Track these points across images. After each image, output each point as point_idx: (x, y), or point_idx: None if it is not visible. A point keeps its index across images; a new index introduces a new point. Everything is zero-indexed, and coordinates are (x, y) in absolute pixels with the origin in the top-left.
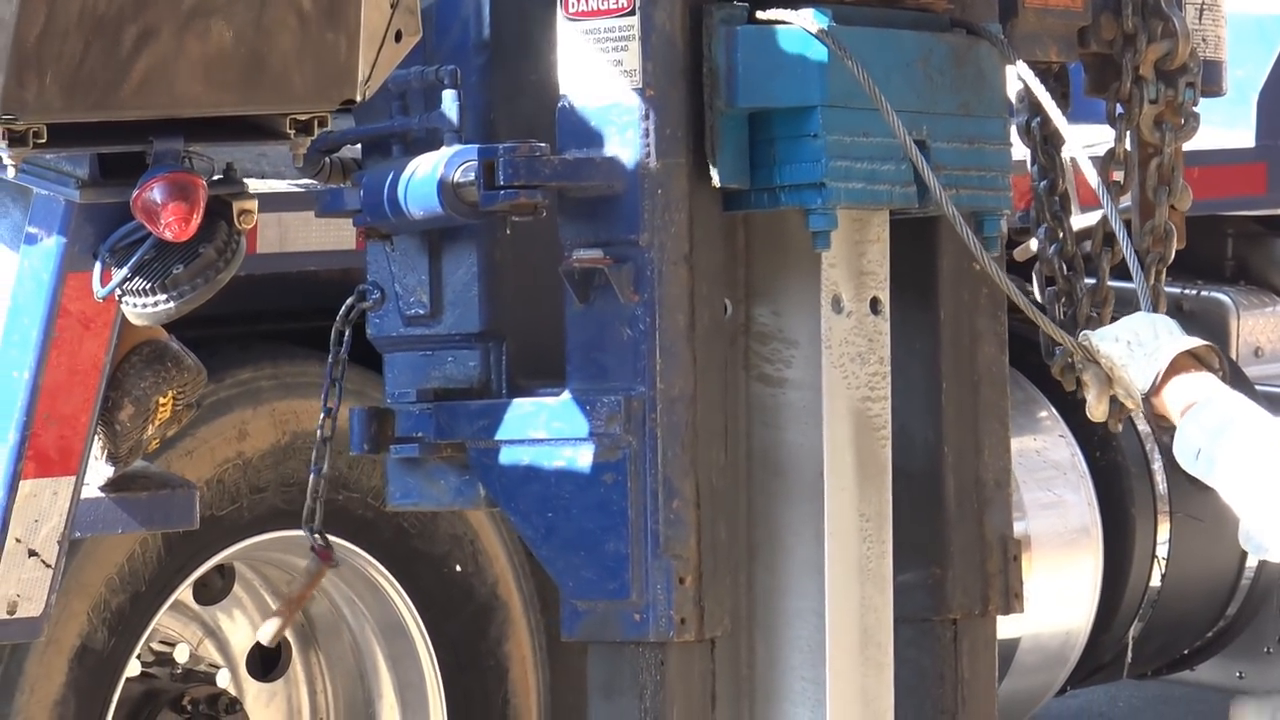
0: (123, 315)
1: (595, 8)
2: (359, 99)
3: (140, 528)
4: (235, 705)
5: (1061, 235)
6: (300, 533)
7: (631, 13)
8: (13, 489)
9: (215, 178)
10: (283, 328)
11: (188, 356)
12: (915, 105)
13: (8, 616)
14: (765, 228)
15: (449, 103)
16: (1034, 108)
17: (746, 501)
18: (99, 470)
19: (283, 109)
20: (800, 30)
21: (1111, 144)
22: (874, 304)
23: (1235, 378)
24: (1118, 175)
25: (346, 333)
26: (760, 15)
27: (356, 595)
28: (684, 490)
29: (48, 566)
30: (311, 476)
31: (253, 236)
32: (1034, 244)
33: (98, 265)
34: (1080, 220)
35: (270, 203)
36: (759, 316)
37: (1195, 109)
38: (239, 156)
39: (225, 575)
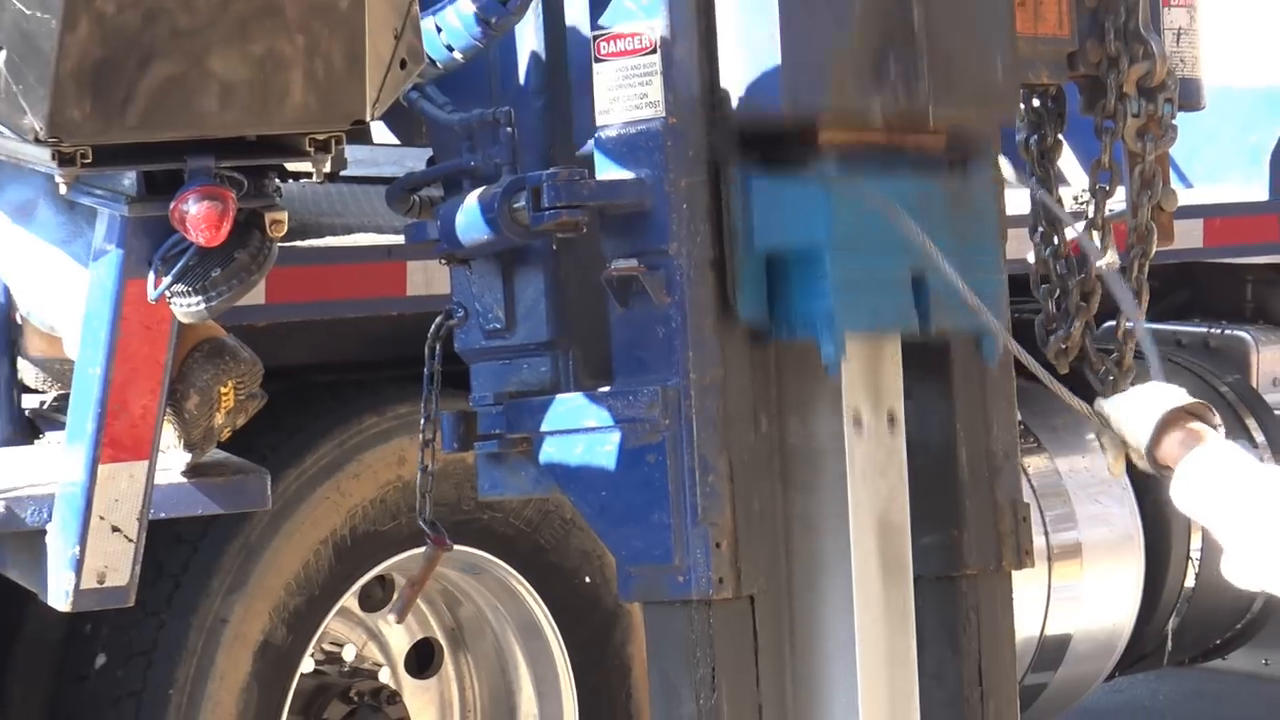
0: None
1: (623, 49)
2: (368, 119)
3: (217, 509)
4: (395, 697)
5: (1056, 240)
6: (454, 547)
7: (654, 51)
8: (93, 473)
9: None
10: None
11: (243, 350)
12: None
13: (98, 585)
14: (792, 351)
15: (504, 140)
16: (1031, 126)
17: (790, 605)
18: (178, 457)
19: (298, 129)
20: (809, 179)
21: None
22: (890, 418)
23: (1256, 405)
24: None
25: (438, 347)
26: (773, 164)
27: (500, 601)
28: (718, 466)
29: (130, 541)
30: (419, 475)
31: (402, 280)
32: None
33: (151, 273)
34: (1073, 232)
35: (417, 251)
36: (791, 432)
37: (1174, 121)
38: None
39: (386, 586)
